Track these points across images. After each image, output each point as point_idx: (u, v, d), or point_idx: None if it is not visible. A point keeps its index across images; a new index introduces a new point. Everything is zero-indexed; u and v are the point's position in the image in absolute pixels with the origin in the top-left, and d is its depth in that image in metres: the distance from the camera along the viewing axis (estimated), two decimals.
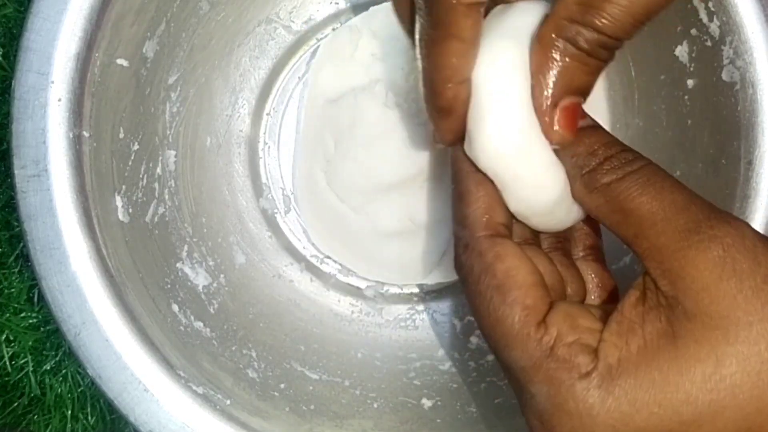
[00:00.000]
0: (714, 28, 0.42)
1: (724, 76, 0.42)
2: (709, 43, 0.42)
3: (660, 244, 0.28)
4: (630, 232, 0.29)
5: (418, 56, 0.32)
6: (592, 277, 0.34)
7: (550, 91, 0.30)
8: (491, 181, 0.31)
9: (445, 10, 0.30)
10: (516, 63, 0.31)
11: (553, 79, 0.30)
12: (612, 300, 0.34)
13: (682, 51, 0.43)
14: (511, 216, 0.32)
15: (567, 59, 0.30)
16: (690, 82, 0.44)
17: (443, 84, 0.31)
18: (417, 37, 0.31)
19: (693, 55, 0.43)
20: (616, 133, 0.47)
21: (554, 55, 0.30)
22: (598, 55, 0.30)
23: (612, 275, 0.35)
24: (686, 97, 0.44)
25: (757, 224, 0.41)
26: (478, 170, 0.31)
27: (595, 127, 0.32)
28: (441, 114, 0.32)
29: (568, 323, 0.29)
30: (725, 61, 0.42)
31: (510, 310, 0.29)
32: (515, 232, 0.33)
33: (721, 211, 0.29)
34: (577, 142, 0.31)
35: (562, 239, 0.35)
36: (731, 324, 0.27)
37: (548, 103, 0.30)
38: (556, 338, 0.29)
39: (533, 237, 0.34)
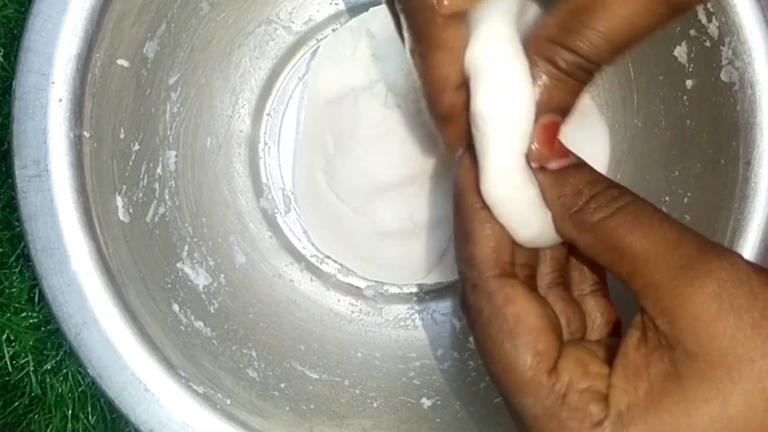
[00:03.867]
0: (713, 28, 0.42)
1: (723, 76, 0.42)
2: (707, 44, 0.42)
3: (655, 282, 0.28)
4: (624, 271, 0.29)
5: (413, 69, 0.32)
6: (600, 313, 0.34)
7: None
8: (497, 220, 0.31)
9: (425, 25, 0.30)
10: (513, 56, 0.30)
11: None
12: (615, 333, 0.34)
13: (681, 51, 0.43)
14: (515, 255, 0.32)
15: (546, 78, 0.30)
16: (689, 83, 0.44)
17: (440, 93, 0.31)
18: (407, 50, 0.32)
19: (692, 55, 0.43)
20: (616, 133, 0.47)
21: (534, 74, 0.30)
22: (577, 77, 0.30)
23: (615, 307, 0.34)
24: (685, 97, 0.44)
25: (756, 224, 0.41)
26: (484, 206, 0.31)
27: (579, 165, 0.31)
28: (443, 122, 0.32)
29: (580, 370, 0.29)
30: (724, 62, 0.42)
31: (521, 356, 0.29)
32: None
33: (714, 244, 0.29)
34: (563, 182, 0.31)
35: (563, 272, 0.34)
36: (733, 362, 0.27)
37: None
38: (568, 386, 0.28)
39: (531, 276, 0.33)
